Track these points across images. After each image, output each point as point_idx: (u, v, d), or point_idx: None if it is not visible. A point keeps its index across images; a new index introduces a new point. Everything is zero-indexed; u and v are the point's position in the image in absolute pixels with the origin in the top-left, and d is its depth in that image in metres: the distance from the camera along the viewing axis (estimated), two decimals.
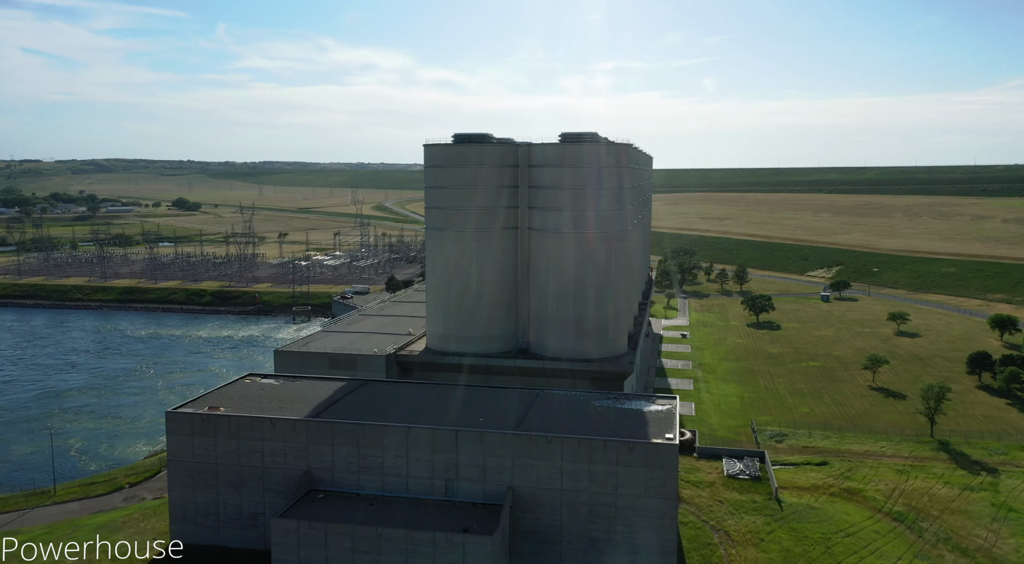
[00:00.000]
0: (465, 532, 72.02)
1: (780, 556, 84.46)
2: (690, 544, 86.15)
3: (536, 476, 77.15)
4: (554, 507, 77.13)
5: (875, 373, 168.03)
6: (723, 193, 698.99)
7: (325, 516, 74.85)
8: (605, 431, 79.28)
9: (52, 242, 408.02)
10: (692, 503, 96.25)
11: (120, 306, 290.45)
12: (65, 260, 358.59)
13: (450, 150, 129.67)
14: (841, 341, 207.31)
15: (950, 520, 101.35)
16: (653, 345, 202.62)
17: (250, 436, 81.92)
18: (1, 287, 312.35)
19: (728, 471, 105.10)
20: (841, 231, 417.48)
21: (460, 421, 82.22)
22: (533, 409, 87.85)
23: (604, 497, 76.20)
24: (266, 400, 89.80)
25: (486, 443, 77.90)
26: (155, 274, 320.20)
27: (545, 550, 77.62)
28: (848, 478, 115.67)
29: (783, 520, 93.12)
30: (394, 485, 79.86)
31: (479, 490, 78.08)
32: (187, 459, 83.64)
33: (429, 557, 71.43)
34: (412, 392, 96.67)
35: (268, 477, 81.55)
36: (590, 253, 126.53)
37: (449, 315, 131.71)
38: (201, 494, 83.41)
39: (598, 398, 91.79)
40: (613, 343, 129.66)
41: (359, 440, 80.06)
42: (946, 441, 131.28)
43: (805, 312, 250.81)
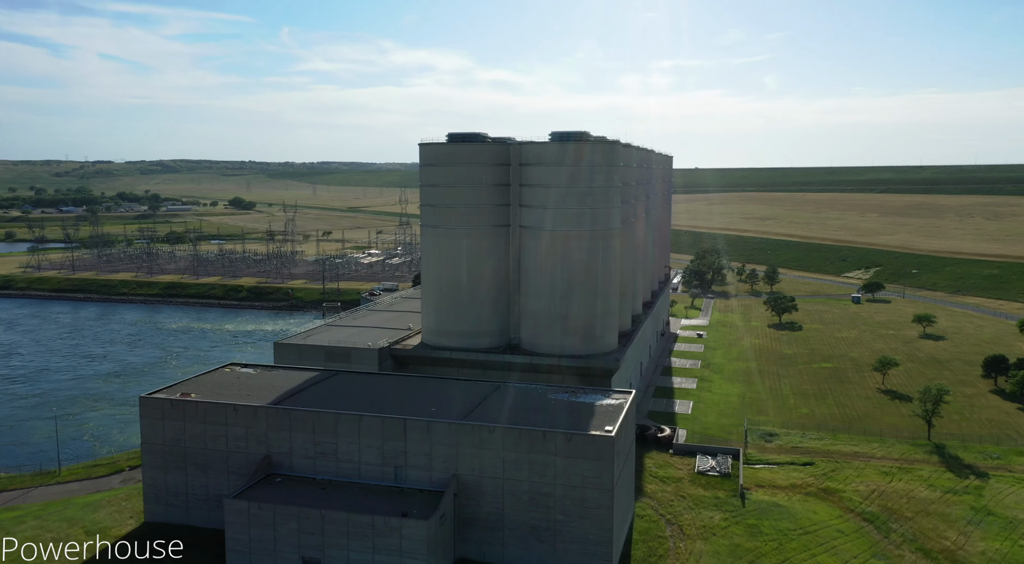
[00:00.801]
0: (404, 516, 74.88)
1: (727, 550, 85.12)
2: (640, 536, 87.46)
3: (479, 465, 79.57)
4: (496, 495, 79.43)
5: (884, 375, 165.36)
6: (771, 193, 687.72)
7: (274, 498, 78.63)
8: (551, 423, 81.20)
9: (107, 239, 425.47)
10: (654, 497, 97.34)
11: (163, 300, 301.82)
12: (116, 256, 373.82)
13: (443, 149, 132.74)
14: (861, 343, 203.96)
15: (923, 522, 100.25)
16: (666, 344, 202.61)
17: (215, 421, 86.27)
18: (55, 281, 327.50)
19: (699, 468, 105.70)
20: (885, 232, 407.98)
21: (414, 411, 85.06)
22: (488, 401, 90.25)
23: (543, 486, 78.19)
24: (238, 388, 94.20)
25: (432, 432, 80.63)
26: (197, 270, 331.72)
27: (489, 536, 79.97)
28: (829, 478, 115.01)
29: (742, 516, 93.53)
30: (347, 471, 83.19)
31: (426, 477, 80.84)
32: (159, 442, 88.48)
33: (368, 539, 74.49)
34: (377, 383, 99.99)
35: (232, 460, 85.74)
36: (576, 250, 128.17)
37: (441, 310, 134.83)
38: (172, 476, 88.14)
39: (555, 392, 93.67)
40: (600, 340, 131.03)
41: (314, 427, 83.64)
42: (942, 444, 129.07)
43: (831, 314, 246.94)
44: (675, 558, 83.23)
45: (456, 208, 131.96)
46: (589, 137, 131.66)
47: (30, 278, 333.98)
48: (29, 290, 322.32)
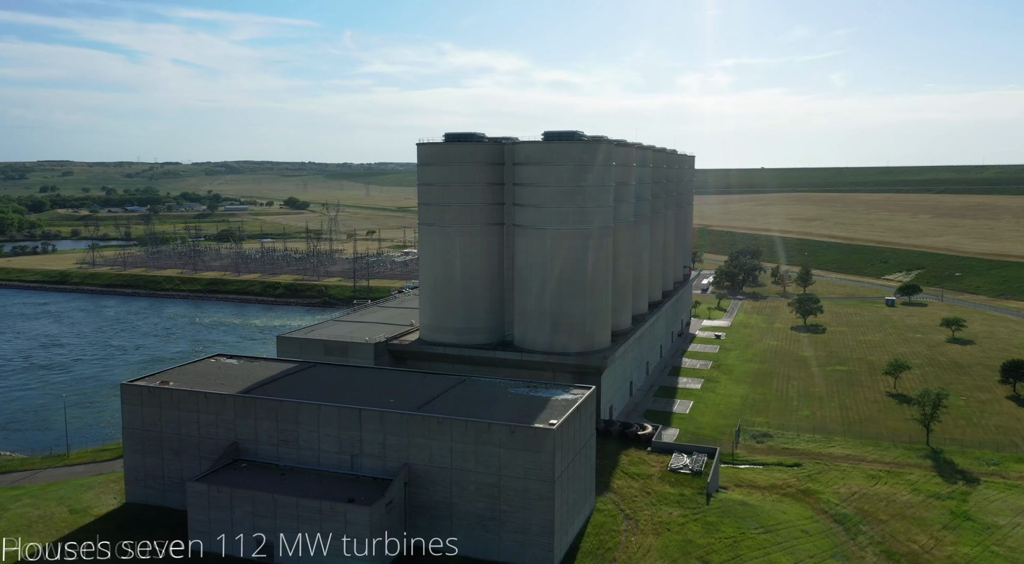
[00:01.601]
0: (350, 502, 77.82)
1: (677, 546, 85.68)
2: (594, 529, 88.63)
3: (429, 455, 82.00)
4: (446, 484, 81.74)
5: (896, 379, 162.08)
6: (824, 193, 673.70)
7: (233, 482, 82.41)
8: (503, 416, 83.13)
9: (160, 237, 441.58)
10: (619, 493, 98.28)
11: (205, 296, 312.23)
12: (166, 253, 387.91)
13: (438, 148, 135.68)
14: (882, 347, 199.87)
15: (895, 525, 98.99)
16: (681, 344, 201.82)
17: (188, 408, 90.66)
18: (107, 277, 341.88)
19: (672, 465, 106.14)
20: (933, 233, 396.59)
21: (377, 402, 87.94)
22: (449, 393, 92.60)
23: (489, 477, 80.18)
24: (216, 377, 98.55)
25: (386, 422, 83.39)
26: (239, 267, 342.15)
27: (438, 525, 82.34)
28: (812, 480, 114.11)
29: (702, 514, 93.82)
30: (308, 458, 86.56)
31: (380, 465, 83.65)
32: (138, 427, 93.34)
33: (316, 523, 77.66)
34: (349, 375, 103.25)
35: (203, 446, 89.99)
36: (566, 248, 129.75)
37: (436, 307, 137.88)
38: (149, 459, 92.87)
39: (516, 386, 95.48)
40: (591, 338, 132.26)
41: (277, 416, 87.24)
42: (940, 449, 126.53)
43: (861, 316, 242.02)
44: (623, 551, 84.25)
45: (450, 207, 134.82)
46: (582, 137, 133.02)
47: (84, 273, 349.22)
48: (83, 285, 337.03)
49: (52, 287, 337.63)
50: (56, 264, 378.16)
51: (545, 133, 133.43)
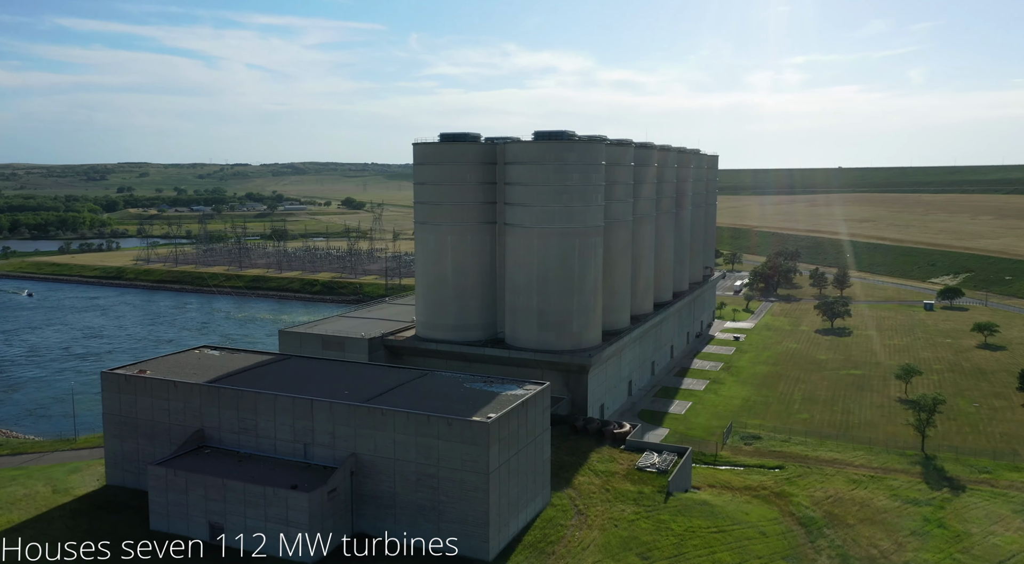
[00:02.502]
0: (293, 488, 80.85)
1: (620, 542, 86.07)
2: (542, 522, 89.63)
3: (375, 445, 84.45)
4: (389, 474, 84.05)
5: (907, 384, 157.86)
6: (884, 193, 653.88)
7: (189, 466, 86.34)
8: (450, 409, 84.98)
9: (214, 235, 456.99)
10: (578, 489, 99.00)
11: (249, 293, 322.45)
12: (217, 251, 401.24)
13: (431, 148, 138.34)
14: (906, 351, 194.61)
15: (861, 530, 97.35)
16: (697, 345, 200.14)
17: (160, 396, 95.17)
18: (158, 273, 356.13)
19: (639, 464, 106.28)
20: (991, 235, 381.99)
21: (333, 393, 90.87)
22: (406, 386, 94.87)
23: (429, 468, 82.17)
24: (193, 367, 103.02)
25: (335, 412, 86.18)
26: (281, 265, 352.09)
27: (383, 514, 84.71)
28: (790, 483, 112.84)
29: (656, 511, 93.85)
30: (266, 446, 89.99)
31: (330, 454, 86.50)
32: (116, 413, 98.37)
33: (261, 508, 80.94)
34: (319, 367, 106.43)
35: (172, 432, 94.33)
36: (553, 247, 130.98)
37: (430, 305, 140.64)
38: (126, 444, 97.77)
39: (472, 381, 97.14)
40: (577, 336, 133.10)
41: (238, 404, 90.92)
42: (934, 455, 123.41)
43: (893, 320, 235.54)
44: (564, 545, 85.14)
45: (442, 205, 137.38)
46: (572, 136, 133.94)
47: (138, 270, 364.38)
48: (136, 281, 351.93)
49: (108, 282, 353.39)
50: (115, 261, 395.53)
51: (536, 133, 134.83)
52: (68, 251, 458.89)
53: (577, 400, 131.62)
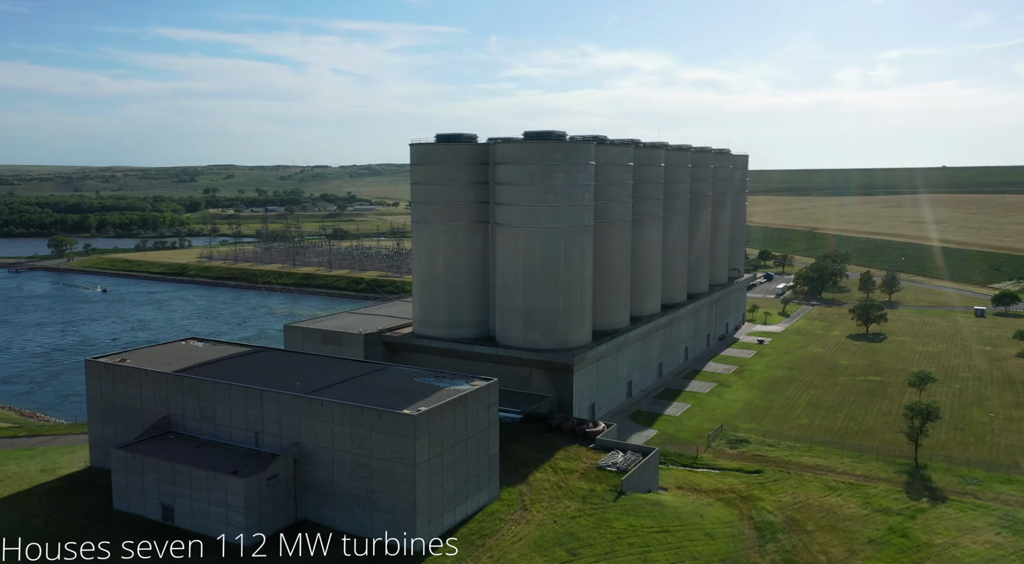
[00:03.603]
0: (233, 474, 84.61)
1: (554, 538, 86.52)
2: (484, 516, 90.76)
3: (315, 435, 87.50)
4: (328, 463, 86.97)
5: (921, 392, 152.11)
6: (964, 195, 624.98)
7: (147, 450, 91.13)
8: (387, 402, 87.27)
9: (275, 235, 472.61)
10: (531, 485, 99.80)
11: (299, 290, 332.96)
12: (276, 249, 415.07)
13: (424, 148, 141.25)
14: (937, 358, 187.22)
15: (818, 536, 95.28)
16: (717, 348, 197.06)
17: (134, 383, 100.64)
18: (218, 270, 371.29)
19: (601, 463, 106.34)
20: None
21: (285, 384, 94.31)
22: (359, 378, 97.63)
23: (363, 458, 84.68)
24: (173, 357, 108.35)
25: (281, 403, 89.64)
26: (332, 264, 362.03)
27: (324, 501, 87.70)
28: (762, 487, 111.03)
29: (601, 510, 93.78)
30: (223, 433, 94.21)
31: (277, 443, 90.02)
32: (98, 399, 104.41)
33: (205, 491, 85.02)
34: (287, 359, 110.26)
35: (144, 418, 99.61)
36: (538, 246, 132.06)
37: (424, 302, 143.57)
38: (106, 427, 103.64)
39: (424, 375, 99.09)
40: (563, 335, 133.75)
41: (199, 393, 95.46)
42: (925, 464, 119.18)
43: (935, 326, 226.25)
44: (497, 539, 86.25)
45: (434, 205, 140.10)
46: (561, 136, 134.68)
47: (200, 267, 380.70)
48: (197, 277, 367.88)
49: (171, 278, 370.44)
50: (181, 258, 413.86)
51: (525, 133, 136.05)
52: (144, 249, 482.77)
53: (563, 399, 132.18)
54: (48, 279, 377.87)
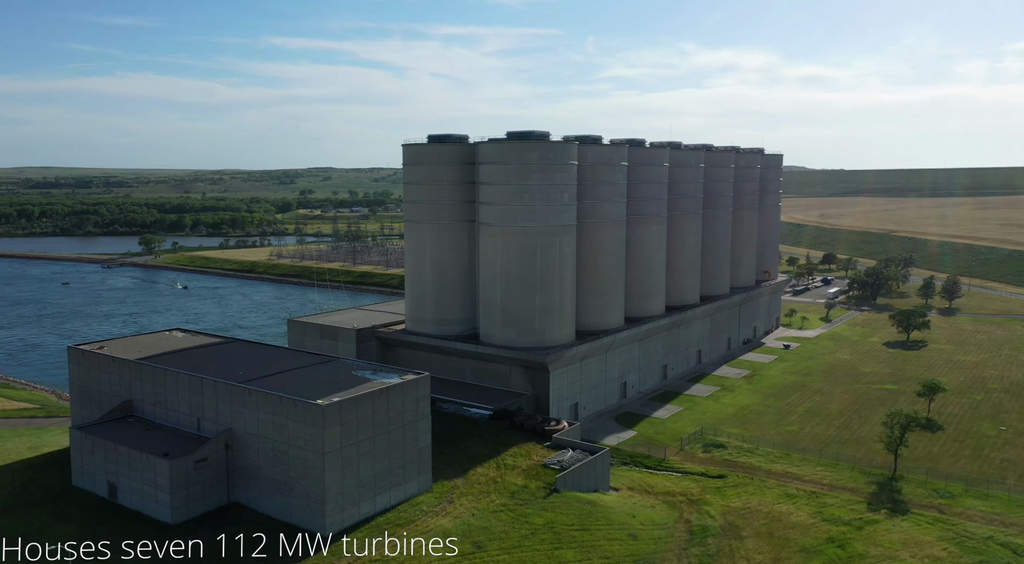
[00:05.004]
0: (164, 456, 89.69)
1: (465, 529, 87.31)
2: (407, 507, 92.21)
3: (244, 422, 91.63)
4: (255, 449, 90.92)
5: (931, 402, 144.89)
6: None
7: (99, 432, 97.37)
8: (310, 392, 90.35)
9: (343, 235, 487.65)
10: (469, 479, 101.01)
11: (354, 287, 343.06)
12: (341, 248, 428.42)
13: (413, 149, 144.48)
14: (971, 368, 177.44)
15: (749, 543, 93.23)
16: (736, 352, 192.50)
17: (104, 369, 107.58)
18: (284, 268, 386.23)
19: (546, 461, 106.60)
20: None
21: (228, 374, 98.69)
22: (302, 369, 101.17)
23: (282, 445, 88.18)
24: (148, 347, 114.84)
25: (218, 391, 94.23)
26: (389, 262, 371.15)
27: (252, 485, 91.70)
28: (717, 492, 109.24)
29: (525, 505, 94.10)
30: (173, 418, 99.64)
31: (214, 428, 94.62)
32: (78, 383, 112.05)
33: (140, 471, 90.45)
34: (248, 350, 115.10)
35: (112, 401, 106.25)
36: (515, 246, 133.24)
37: (414, 299, 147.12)
38: (85, 410, 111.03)
39: (361, 368, 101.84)
40: (540, 334, 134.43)
41: (154, 380, 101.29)
42: (901, 476, 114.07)
43: (987, 335, 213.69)
44: (411, 528, 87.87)
45: (421, 204, 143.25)
46: (543, 137, 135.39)
47: (268, 264, 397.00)
48: (265, 274, 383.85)
49: (241, 275, 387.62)
50: (254, 256, 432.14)
51: (508, 133, 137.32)
52: (226, 247, 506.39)
53: (540, 397, 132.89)
54: (132, 274, 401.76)
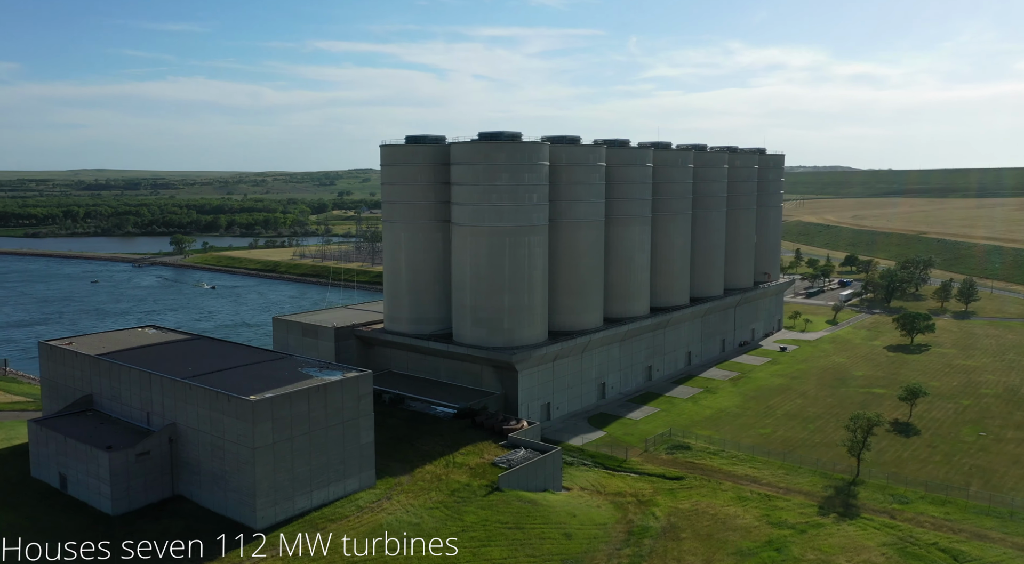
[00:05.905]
0: (108, 449, 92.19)
1: (395, 525, 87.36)
2: (345, 503, 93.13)
3: (186, 416, 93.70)
4: (195, 443, 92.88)
5: (912, 406, 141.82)
6: None
7: (52, 425, 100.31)
8: (248, 388, 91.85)
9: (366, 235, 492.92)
10: (414, 476, 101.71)
11: (369, 287, 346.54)
12: (362, 249, 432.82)
13: (391, 149, 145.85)
14: (968, 372, 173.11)
15: (685, 544, 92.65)
16: (728, 354, 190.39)
17: (67, 364, 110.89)
18: (304, 267, 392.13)
19: (495, 460, 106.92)
20: None
21: (175, 370, 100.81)
22: (251, 366, 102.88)
23: (218, 440, 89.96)
24: (115, 343, 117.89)
25: (164, 386, 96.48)
26: None
27: (194, 478, 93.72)
28: (669, 493, 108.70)
29: (462, 503, 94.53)
30: (127, 413, 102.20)
31: (161, 422, 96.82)
32: (48, 377, 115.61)
33: (84, 462, 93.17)
34: (210, 347, 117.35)
35: (75, 396, 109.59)
36: (486, 246, 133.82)
37: (391, 298, 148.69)
38: (53, 403, 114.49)
39: (307, 365, 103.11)
40: (509, 334, 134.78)
41: (110, 375, 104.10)
42: (862, 480, 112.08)
43: (996, 339, 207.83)
44: (343, 524, 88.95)
45: (397, 204, 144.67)
46: (513, 137, 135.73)
47: (289, 264, 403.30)
48: (286, 273, 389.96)
49: (264, 274, 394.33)
50: (277, 256, 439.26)
51: (479, 134, 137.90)
52: (255, 247, 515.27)
53: (509, 397, 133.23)
54: (160, 274, 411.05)
